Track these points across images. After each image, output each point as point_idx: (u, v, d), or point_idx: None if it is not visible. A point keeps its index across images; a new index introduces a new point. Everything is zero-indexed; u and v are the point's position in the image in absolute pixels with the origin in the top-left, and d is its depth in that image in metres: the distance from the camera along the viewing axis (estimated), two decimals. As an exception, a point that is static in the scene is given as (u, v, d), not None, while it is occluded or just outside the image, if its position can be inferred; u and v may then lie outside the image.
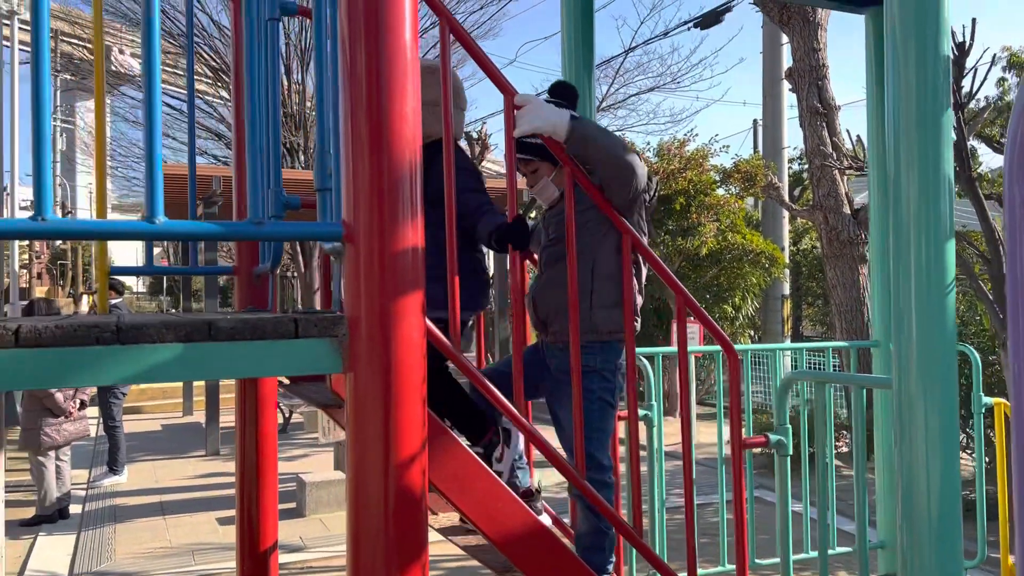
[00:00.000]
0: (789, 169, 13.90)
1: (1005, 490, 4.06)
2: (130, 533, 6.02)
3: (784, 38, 10.35)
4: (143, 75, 1.49)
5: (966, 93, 4.81)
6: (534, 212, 11.12)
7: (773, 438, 3.14)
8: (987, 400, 4.15)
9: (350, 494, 1.65)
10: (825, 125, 7.60)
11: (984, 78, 4.94)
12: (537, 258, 2.79)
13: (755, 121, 19.96)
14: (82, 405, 6.32)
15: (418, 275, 1.67)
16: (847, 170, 7.43)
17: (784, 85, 11.31)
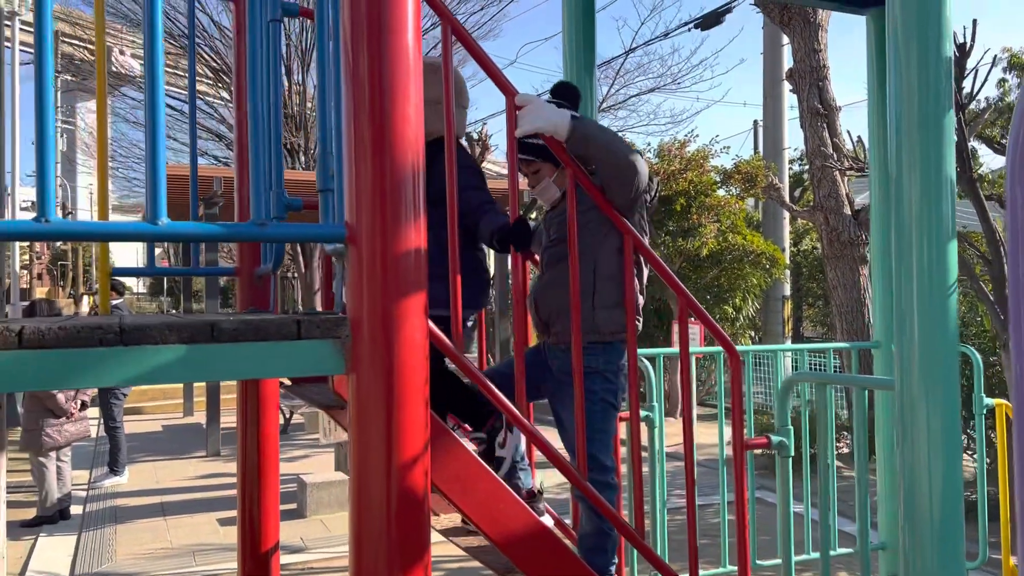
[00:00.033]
0: (790, 170, 13.89)
1: (1006, 491, 4.06)
2: (131, 534, 6.02)
3: (785, 39, 10.35)
4: (145, 77, 1.49)
5: (967, 94, 4.80)
6: (534, 213, 11.13)
7: (775, 439, 3.13)
8: (988, 401, 4.15)
9: (353, 495, 1.65)
10: (826, 126, 7.60)
11: (985, 79, 4.94)
12: (538, 259, 2.78)
13: (756, 122, 19.96)
14: (83, 406, 6.31)
15: (421, 276, 1.67)
16: (848, 171, 7.43)
17: (785, 86, 11.31)
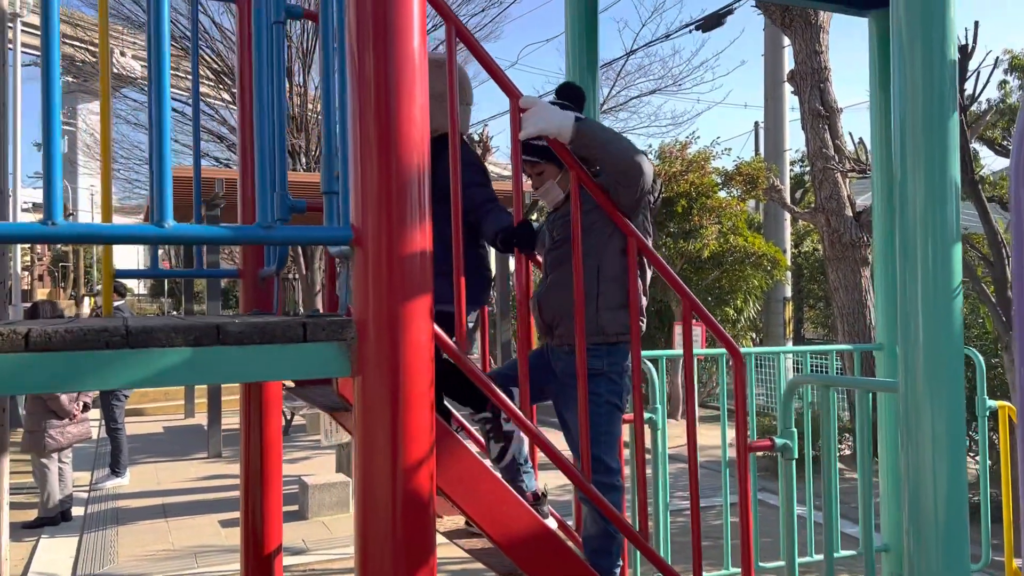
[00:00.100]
0: (791, 172, 13.91)
1: (1009, 493, 4.06)
2: (133, 535, 6.01)
3: (786, 41, 10.35)
4: (151, 81, 1.49)
5: (969, 96, 4.80)
6: (535, 214, 11.12)
7: (779, 442, 3.13)
8: (991, 403, 4.14)
9: (358, 497, 1.64)
10: (827, 127, 7.60)
11: (987, 81, 4.95)
12: (542, 261, 2.78)
13: (757, 124, 19.99)
14: (85, 407, 6.31)
15: (426, 279, 1.66)
16: (849, 172, 7.43)
17: (786, 88, 11.32)
